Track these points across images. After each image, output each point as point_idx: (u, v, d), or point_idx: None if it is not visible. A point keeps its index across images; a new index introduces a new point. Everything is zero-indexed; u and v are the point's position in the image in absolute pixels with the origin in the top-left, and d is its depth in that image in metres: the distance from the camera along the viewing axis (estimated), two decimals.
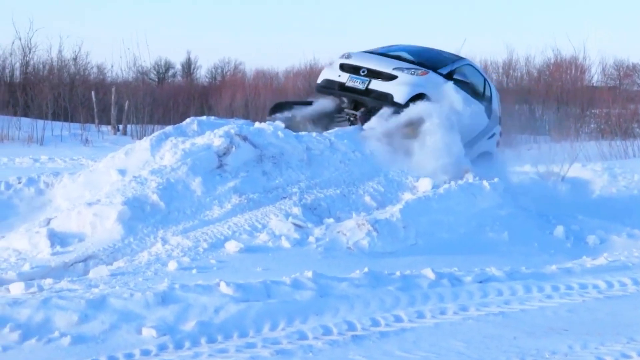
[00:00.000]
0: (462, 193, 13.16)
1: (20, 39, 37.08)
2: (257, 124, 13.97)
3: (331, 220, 12.30)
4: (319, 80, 15.60)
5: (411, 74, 14.91)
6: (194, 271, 10.19)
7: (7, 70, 37.03)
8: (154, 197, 11.83)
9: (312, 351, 7.76)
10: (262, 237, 11.53)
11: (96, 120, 31.57)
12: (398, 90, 14.71)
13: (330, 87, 15.31)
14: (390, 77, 14.85)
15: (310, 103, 16.01)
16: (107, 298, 8.47)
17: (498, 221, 13.01)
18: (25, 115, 31.47)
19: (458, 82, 15.32)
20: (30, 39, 37.20)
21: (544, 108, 37.54)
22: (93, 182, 12.71)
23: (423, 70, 15.06)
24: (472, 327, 8.62)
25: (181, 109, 34.09)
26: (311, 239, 11.66)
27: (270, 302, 8.82)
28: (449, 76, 15.35)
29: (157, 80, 49.88)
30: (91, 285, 9.35)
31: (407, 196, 13.03)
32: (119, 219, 11.36)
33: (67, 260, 10.60)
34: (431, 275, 10.01)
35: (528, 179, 18.02)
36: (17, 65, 37.22)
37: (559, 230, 13.48)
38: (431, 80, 15.05)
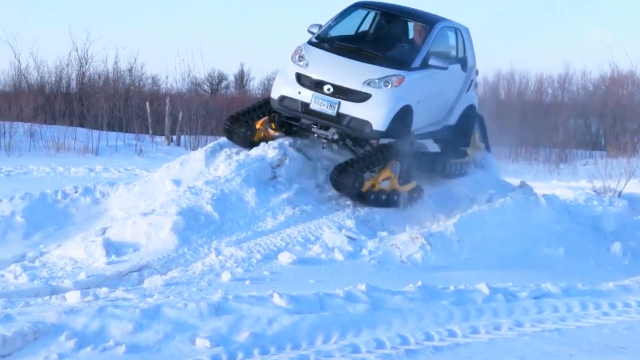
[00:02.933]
0: (517, 207, 13.06)
1: (77, 50, 37.50)
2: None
3: (384, 233, 12.26)
4: (275, 95, 12.91)
5: (385, 85, 12.45)
6: (247, 282, 10.21)
7: (63, 81, 37.47)
8: (208, 208, 11.88)
9: None
10: (315, 249, 11.52)
11: (150, 131, 31.79)
12: (376, 113, 12.32)
13: (292, 108, 12.78)
14: (362, 97, 12.42)
15: (267, 107, 13.43)
16: (162, 308, 8.49)
17: (554, 236, 12.88)
18: (81, 125, 31.77)
19: (436, 56, 13.01)
20: (87, 50, 37.61)
21: (600, 123, 37.11)
22: (148, 192, 12.81)
23: (398, 75, 12.54)
24: (528, 343, 8.52)
25: None
26: (364, 251, 11.63)
27: (323, 314, 8.78)
28: (424, 65, 12.96)
29: (210, 91, 50.14)
30: (146, 295, 9.40)
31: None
32: (174, 229, 11.42)
33: (122, 269, 10.67)
34: (485, 290, 9.92)
35: (584, 194, 17.80)
36: (74, 76, 37.63)
37: (616, 246, 13.31)
38: (409, 83, 12.72)
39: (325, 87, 12.44)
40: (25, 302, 8.99)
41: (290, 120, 13.37)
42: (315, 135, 13.20)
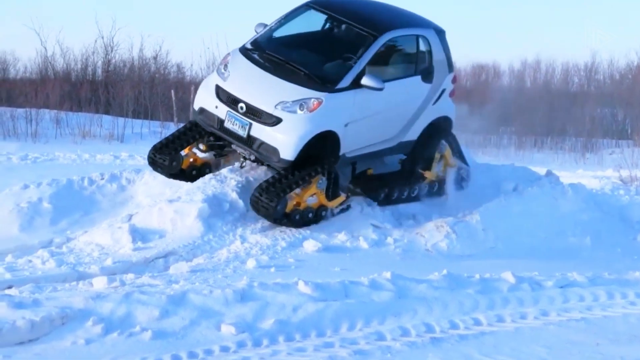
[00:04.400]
0: (543, 197, 13.00)
1: (102, 38, 37.58)
2: None
3: (410, 221, 12.24)
4: (196, 106, 11.98)
5: (300, 109, 11.23)
6: (273, 269, 10.23)
7: (89, 69, 37.58)
8: (233, 195, 11.89)
9: (390, 352, 7.73)
10: (341, 237, 11.53)
11: (175, 119, 31.80)
12: (284, 141, 11.20)
13: (208, 123, 11.78)
14: (273, 121, 11.29)
15: (194, 132, 12.31)
16: (187, 294, 8.54)
17: (580, 226, 12.82)
18: (107, 112, 31.88)
19: (372, 75, 11.56)
20: (112, 38, 37.69)
21: (626, 112, 36.85)
22: (173, 180, 12.80)
23: (316, 99, 11.25)
24: (554, 332, 8.50)
25: None
26: (389, 240, 11.63)
27: (348, 302, 8.79)
28: (355, 84, 11.55)
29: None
30: (171, 281, 9.43)
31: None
32: (199, 216, 11.45)
33: (148, 255, 10.73)
34: (511, 279, 9.89)
35: (610, 184, 17.71)
36: (99, 63, 37.74)
37: None
38: (330, 107, 11.39)
39: (239, 106, 11.40)
40: (53, 288, 9.05)
41: (218, 141, 12.19)
42: (239, 151, 12.09)
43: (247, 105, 11.33)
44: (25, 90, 31.86)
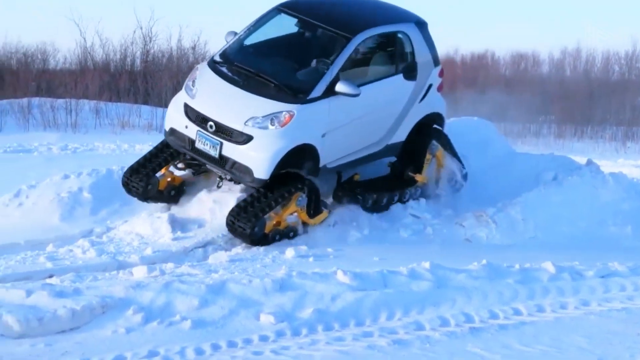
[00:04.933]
0: (584, 186, 12.89)
1: (141, 29, 37.79)
2: None
3: (449, 211, 12.19)
4: (166, 127, 11.32)
5: (272, 124, 10.61)
6: (311, 259, 10.25)
7: (128, 59, 37.81)
8: None
9: (429, 342, 7.70)
10: (380, 227, 11.51)
11: None
12: (257, 159, 10.58)
13: (180, 143, 11.14)
14: (244, 138, 10.65)
15: (169, 150, 11.68)
16: (227, 284, 8.56)
17: (621, 215, 12.70)
18: (145, 103, 32.09)
19: (347, 81, 10.91)
20: (151, 28, 37.91)
21: None
22: None
23: (287, 112, 10.60)
24: (594, 322, 8.42)
25: None
26: (429, 229, 11.60)
27: (387, 291, 8.78)
28: (329, 92, 10.91)
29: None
30: (211, 271, 9.48)
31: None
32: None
33: (188, 245, 10.78)
34: (551, 268, 9.82)
35: None
36: (138, 54, 37.98)
37: None
38: (303, 119, 10.74)
39: (208, 124, 10.76)
40: (93, 277, 9.12)
41: (194, 159, 11.43)
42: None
43: (216, 123, 10.68)
44: (65, 81, 32.16)
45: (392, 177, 12.38)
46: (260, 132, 10.54)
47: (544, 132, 32.16)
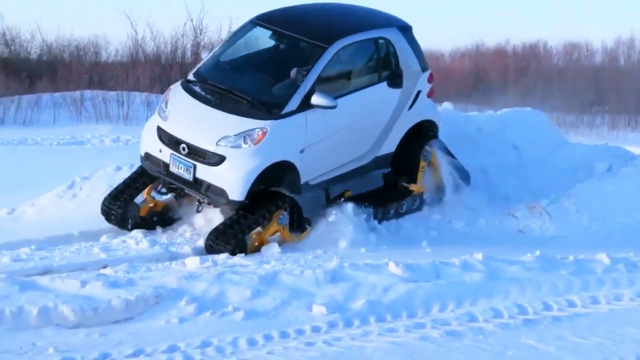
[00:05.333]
0: (638, 176, 12.71)
1: (192, 21, 37.92)
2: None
3: (502, 203, 12.10)
4: (141, 152, 10.76)
5: (244, 143, 10.03)
6: (363, 250, 10.22)
7: (179, 51, 37.98)
8: None
9: (482, 334, 7.67)
10: (433, 218, 11.45)
11: None
12: (231, 180, 10.02)
13: (156, 168, 10.57)
14: (217, 159, 10.10)
15: (142, 179, 11.06)
16: (279, 275, 8.59)
17: None
18: None
19: (323, 92, 10.30)
20: (201, 21, 38.03)
21: None
22: None
23: (260, 129, 10.04)
24: None
25: None
26: (481, 221, 11.53)
27: (439, 283, 8.76)
28: (305, 105, 10.30)
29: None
30: (262, 262, 9.49)
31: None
32: None
33: None
34: (606, 260, 9.70)
35: None
36: (189, 46, 38.12)
37: None
38: (277, 136, 10.14)
39: (181, 147, 10.23)
40: (147, 268, 9.17)
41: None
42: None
43: (188, 145, 10.15)
44: (116, 74, 32.40)
45: (385, 190, 11.73)
46: (233, 151, 9.99)
47: (597, 123, 31.81)
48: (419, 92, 11.45)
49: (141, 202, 11.02)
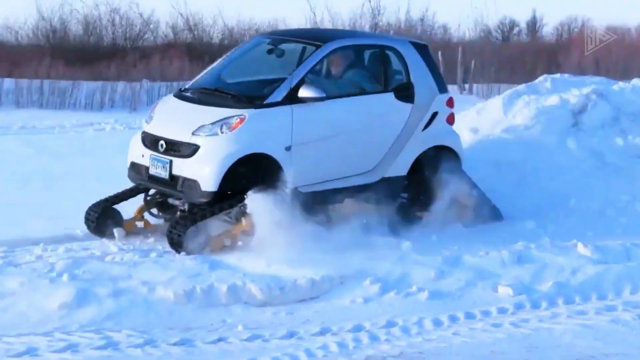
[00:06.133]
0: None
1: (369, 1, 38.13)
2: (619, 84, 13.14)
3: None
4: (128, 162, 9.98)
5: (220, 132, 9.19)
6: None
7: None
8: (507, 156, 11.67)
9: None
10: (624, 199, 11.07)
11: None
12: (202, 169, 9.11)
13: (138, 176, 9.75)
14: (191, 150, 9.27)
15: (130, 194, 10.10)
16: (462, 256, 8.57)
17: None
18: None
19: (312, 84, 9.50)
20: (379, 1, 38.17)
21: None
22: None
23: (238, 117, 9.22)
24: None
25: (528, 68, 33.58)
26: None
27: (630, 265, 8.54)
28: (292, 98, 9.38)
29: (501, 39, 49.50)
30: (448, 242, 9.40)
31: None
32: None
33: None
34: None
35: None
36: (367, 27, 38.32)
37: None
38: (257, 124, 9.23)
39: (160, 144, 9.50)
40: None
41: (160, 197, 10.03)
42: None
43: (166, 141, 9.42)
44: None
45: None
46: (208, 139, 9.17)
47: None
48: (435, 113, 10.41)
49: (129, 218, 9.96)
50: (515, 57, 35.26)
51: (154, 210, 10.01)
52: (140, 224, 9.80)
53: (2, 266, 8.08)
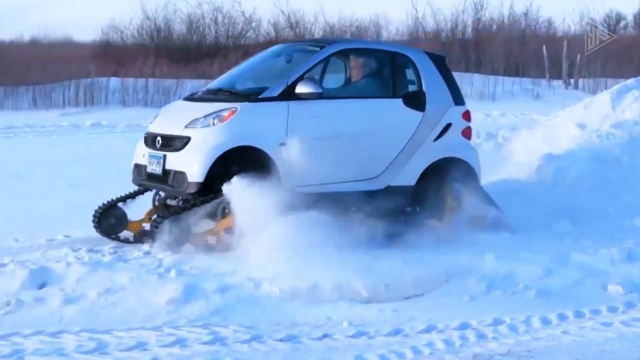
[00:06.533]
0: None
1: None
2: None
3: None
4: (132, 165, 9.96)
5: (212, 123, 9.09)
6: None
7: (459, 28, 37.93)
8: (616, 152, 11.45)
9: None
10: None
11: (547, 75, 31.36)
12: (190, 160, 9.02)
13: (139, 177, 9.71)
14: (183, 143, 9.20)
15: (139, 193, 10.08)
16: (571, 253, 8.44)
17: None
18: (477, 71, 32.05)
19: (310, 81, 9.35)
20: None
21: None
22: (551, 136, 12.57)
23: (229, 109, 9.13)
24: None
25: (636, 62, 32.85)
26: None
27: None
28: (288, 94, 9.22)
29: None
30: (554, 240, 9.26)
31: None
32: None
33: None
34: None
35: None
36: (469, 22, 38.03)
37: None
38: (249, 116, 9.10)
39: (157, 141, 9.48)
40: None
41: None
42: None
43: (161, 136, 9.42)
44: None
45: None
46: (198, 132, 9.09)
47: None
48: (449, 124, 10.09)
49: (135, 220, 9.94)
50: (622, 51, 34.52)
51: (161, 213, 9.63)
52: (146, 225, 9.67)
53: (112, 262, 8.25)
